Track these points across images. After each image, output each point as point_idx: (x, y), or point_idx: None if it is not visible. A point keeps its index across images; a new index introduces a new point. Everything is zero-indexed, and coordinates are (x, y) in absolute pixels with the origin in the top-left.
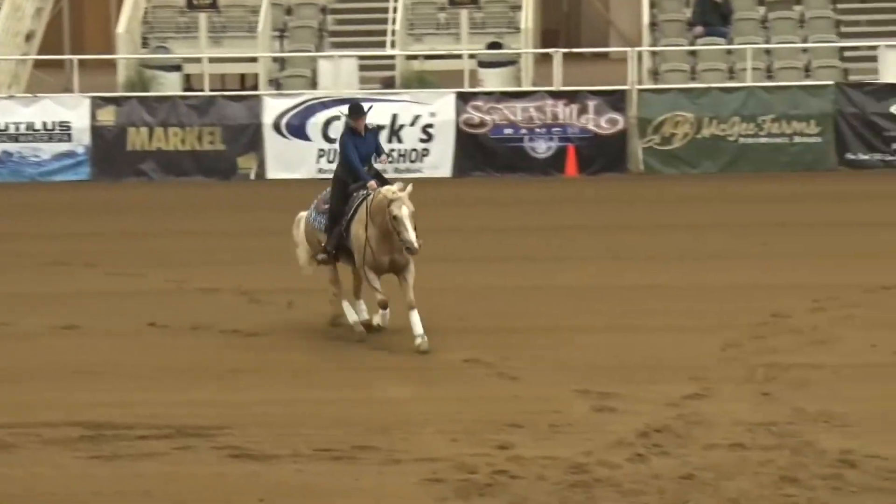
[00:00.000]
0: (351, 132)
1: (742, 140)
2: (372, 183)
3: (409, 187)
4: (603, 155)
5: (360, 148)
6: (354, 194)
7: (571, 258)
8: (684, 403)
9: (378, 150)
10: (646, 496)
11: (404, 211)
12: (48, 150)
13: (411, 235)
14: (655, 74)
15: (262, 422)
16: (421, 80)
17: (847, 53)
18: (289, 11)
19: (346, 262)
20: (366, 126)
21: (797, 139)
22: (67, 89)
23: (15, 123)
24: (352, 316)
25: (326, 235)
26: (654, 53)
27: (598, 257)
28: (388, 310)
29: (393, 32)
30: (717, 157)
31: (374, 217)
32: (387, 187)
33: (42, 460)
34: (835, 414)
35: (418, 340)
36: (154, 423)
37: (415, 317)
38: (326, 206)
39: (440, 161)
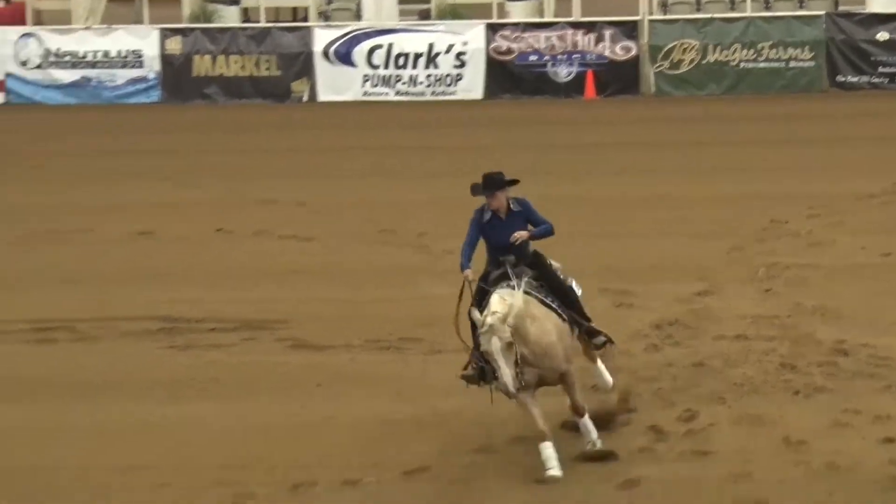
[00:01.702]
0: (483, 212)
1: (743, 65)
2: (467, 273)
3: (519, 300)
4: (618, 79)
5: (492, 233)
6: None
7: (590, 172)
8: (694, 300)
9: (534, 222)
10: (659, 382)
11: (494, 344)
12: (122, 75)
13: (507, 376)
14: (664, 6)
15: (318, 317)
16: (454, 13)
17: None
18: None
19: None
20: (509, 205)
21: (792, 64)
22: (138, 21)
23: (93, 52)
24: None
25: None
26: None
27: (614, 172)
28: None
29: None
30: (721, 80)
31: None
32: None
33: (123, 350)
34: (829, 308)
35: (589, 444)
36: (222, 318)
37: (585, 421)
38: None
39: (472, 85)
